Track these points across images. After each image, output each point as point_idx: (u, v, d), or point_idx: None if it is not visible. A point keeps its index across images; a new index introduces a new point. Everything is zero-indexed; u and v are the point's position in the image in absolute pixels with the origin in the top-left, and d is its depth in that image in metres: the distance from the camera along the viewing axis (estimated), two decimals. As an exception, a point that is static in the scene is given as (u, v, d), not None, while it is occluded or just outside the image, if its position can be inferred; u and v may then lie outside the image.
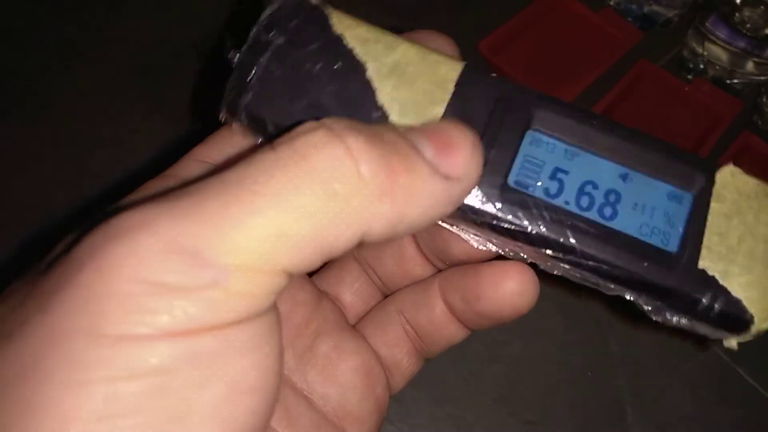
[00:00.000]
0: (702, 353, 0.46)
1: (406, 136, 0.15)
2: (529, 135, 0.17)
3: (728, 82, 0.55)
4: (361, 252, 0.23)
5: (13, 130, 0.50)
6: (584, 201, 0.17)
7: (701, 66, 0.55)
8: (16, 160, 0.49)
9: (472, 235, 0.17)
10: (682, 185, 0.17)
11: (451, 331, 0.21)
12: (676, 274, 0.16)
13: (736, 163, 0.51)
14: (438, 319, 0.21)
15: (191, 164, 0.19)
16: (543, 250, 0.17)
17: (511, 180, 0.17)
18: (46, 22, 0.54)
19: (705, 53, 0.55)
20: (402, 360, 0.22)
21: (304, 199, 0.13)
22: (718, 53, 0.55)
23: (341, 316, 0.22)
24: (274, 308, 0.14)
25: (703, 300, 0.16)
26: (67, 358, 0.12)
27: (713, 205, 0.17)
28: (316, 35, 0.16)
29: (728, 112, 0.53)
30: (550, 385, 0.44)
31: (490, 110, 0.16)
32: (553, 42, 0.56)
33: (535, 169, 0.17)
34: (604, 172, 0.17)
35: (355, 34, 0.17)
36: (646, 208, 0.17)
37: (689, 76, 0.56)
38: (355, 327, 0.22)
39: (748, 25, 0.53)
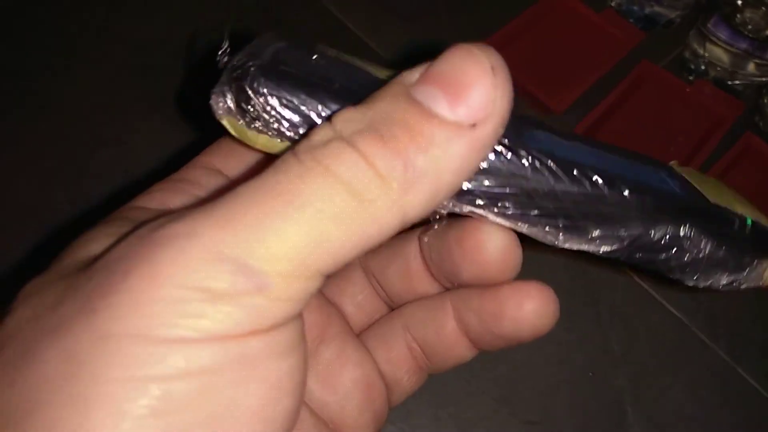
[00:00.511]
0: (703, 353, 0.46)
1: (418, 94, 0.14)
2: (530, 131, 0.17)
3: (729, 83, 0.55)
4: (368, 263, 0.23)
5: (13, 129, 0.50)
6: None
7: (702, 67, 0.55)
8: (16, 159, 0.49)
9: (499, 218, 0.17)
10: (664, 174, 0.18)
11: (460, 351, 0.21)
12: (698, 205, 0.17)
13: (737, 165, 0.51)
14: (448, 338, 0.21)
15: (197, 170, 0.19)
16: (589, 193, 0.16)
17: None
18: (47, 21, 0.54)
19: (706, 54, 0.55)
20: (402, 378, 0.22)
21: (334, 206, 0.13)
22: (720, 54, 0.55)
23: (346, 324, 0.22)
24: (302, 314, 0.14)
25: (734, 222, 0.17)
26: (120, 357, 0.12)
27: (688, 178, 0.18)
28: (309, 46, 0.17)
29: (730, 113, 0.53)
30: (550, 386, 0.44)
31: None
32: (554, 43, 0.56)
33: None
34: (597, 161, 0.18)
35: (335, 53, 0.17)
36: (642, 176, 0.18)
37: (690, 77, 0.56)
38: (360, 337, 0.22)
39: (750, 27, 0.53)
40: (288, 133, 0.17)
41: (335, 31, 0.56)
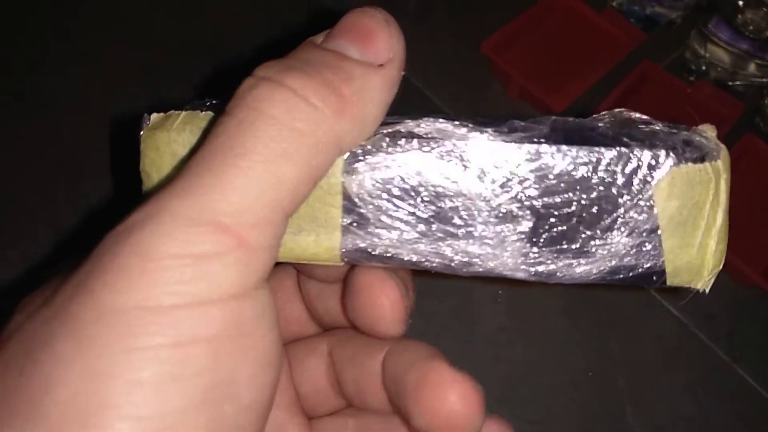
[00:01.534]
0: (702, 353, 0.46)
1: (330, 46, 0.16)
2: None
3: (730, 84, 0.55)
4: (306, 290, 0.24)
5: (12, 128, 0.50)
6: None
7: (703, 68, 0.55)
8: (14, 158, 0.49)
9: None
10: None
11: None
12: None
13: (738, 166, 0.51)
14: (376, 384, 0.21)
15: None
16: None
17: None
18: (46, 19, 0.54)
19: (707, 55, 0.55)
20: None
21: (278, 146, 0.14)
22: (721, 55, 0.55)
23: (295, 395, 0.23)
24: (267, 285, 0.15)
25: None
26: (126, 329, 0.13)
27: None
28: None
29: (730, 113, 0.53)
30: (551, 386, 0.44)
31: None
32: (555, 42, 0.56)
33: None
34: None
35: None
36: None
37: (691, 78, 0.56)
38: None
39: (751, 27, 0.53)
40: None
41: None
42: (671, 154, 0.17)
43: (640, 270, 0.17)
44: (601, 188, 0.17)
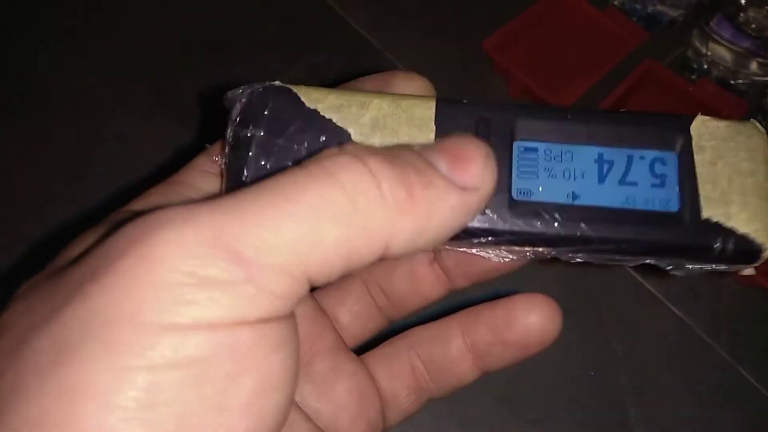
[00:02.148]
0: (704, 352, 0.46)
1: (422, 154, 0.16)
2: (516, 145, 0.18)
3: (732, 82, 0.55)
4: (371, 270, 0.23)
5: (14, 125, 0.50)
6: (585, 190, 0.18)
7: (705, 66, 0.55)
8: (17, 154, 0.49)
9: (491, 253, 0.18)
10: (664, 148, 0.18)
11: (463, 370, 0.22)
12: (685, 231, 0.18)
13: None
14: (453, 355, 0.22)
15: (193, 172, 0.19)
16: (563, 248, 0.18)
17: (514, 193, 0.18)
18: (48, 17, 0.54)
19: (709, 53, 0.55)
20: (401, 392, 0.22)
21: (331, 209, 0.14)
22: (723, 53, 0.54)
23: (339, 337, 0.22)
24: (294, 316, 0.15)
25: (716, 246, 0.17)
26: (109, 345, 0.12)
27: (697, 157, 0.18)
28: (291, 117, 0.17)
29: (732, 112, 0.53)
30: (552, 385, 0.44)
31: (474, 134, 0.17)
32: (557, 41, 0.56)
33: (531, 176, 0.18)
34: (593, 158, 0.18)
35: (327, 105, 0.17)
36: (640, 179, 0.18)
37: (693, 76, 0.56)
38: (362, 357, 0.23)
39: (753, 26, 0.52)
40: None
41: (338, 28, 0.56)
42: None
43: None
44: None
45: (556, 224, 0.17)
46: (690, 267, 0.18)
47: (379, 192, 0.14)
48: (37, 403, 0.12)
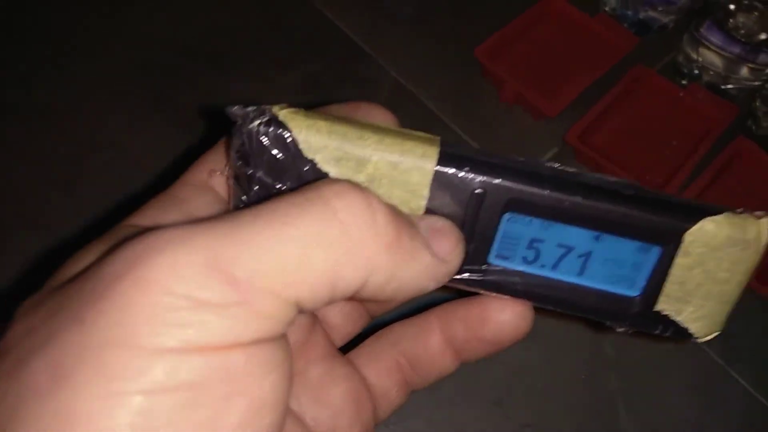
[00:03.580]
0: (696, 355, 0.46)
1: (409, 215, 0.17)
2: (506, 216, 0.18)
3: (723, 87, 0.55)
4: None
5: (12, 131, 0.50)
6: (558, 264, 0.19)
7: (696, 71, 0.56)
8: (14, 161, 0.49)
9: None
10: (653, 241, 0.18)
11: (444, 362, 0.23)
12: (635, 316, 0.19)
13: (729, 169, 0.51)
14: (434, 350, 0.22)
15: (187, 187, 0.20)
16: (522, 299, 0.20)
17: (491, 258, 0.19)
18: (47, 20, 0.55)
19: (700, 59, 0.55)
20: (391, 390, 0.23)
21: (323, 236, 0.14)
22: (713, 59, 0.55)
23: (331, 342, 0.23)
24: (286, 336, 0.15)
25: (656, 332, 0.19)
26: (104, 369, 0.12)
27: (677, 260, 0.18)
28: (290, 165, 0.17)
29: (723, 117, 0.54)
30: (544, 388, 0.44)
31: (465, 207, 0.18)
32: (548, 47, 0.57)
33: (512, 244, 0.19)
34: (578, 237, 0.18)
35: (326, 156, 0.17)
36: (615, 261, 0.19)
37: (684, 82, 0.56)
38: (348, 355, 0.23)
39: (743, 31, 0.53)
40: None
41: (332, 36, 0.57)
42: None
43: None
44: None
45: (520, 288, 0.19)
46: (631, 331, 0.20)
47: (374, 224, 0.15)
48: (35, 428, 0.12)
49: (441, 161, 0.17)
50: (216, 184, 0.19)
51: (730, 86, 0.55)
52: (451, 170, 0.17)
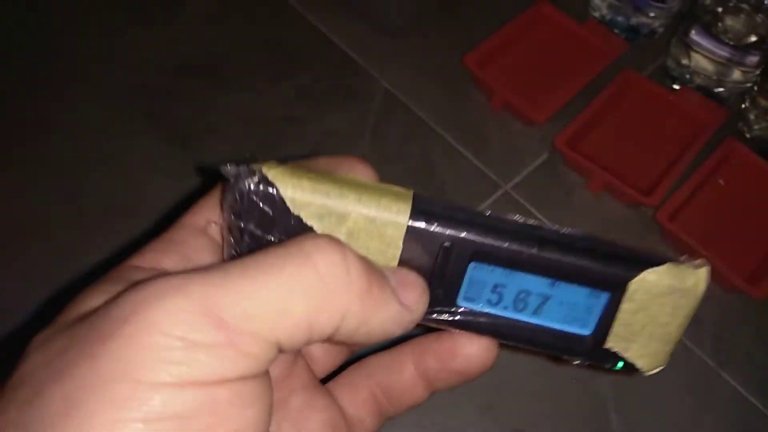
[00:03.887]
0: (687, 357, 0.46)
1: (380, 268, 0.19)
2: (472, 265, 0.21)
3: (715, 90, 0.55)
4: None
5: (10, 150, 0.51)
6: (519, 305, 0.21)
7: (687, 75, 0.56)
8: (13, 179, 0.50)
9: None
10: (602, 289, 0.21)
11: (417, 392, 0.25)
12: (587, 351, 0.22)
13: (719, 169, 0.51)
14: (407, 382, 0.24)
15: (184, 231, 0.22)
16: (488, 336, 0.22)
17: (460, 300, 0.21)
18: (44, 40, 0.56)
19: (691, 64, 0.55)
20: (366, 419, 0.25)
21: (303, 287, 0.17)
22: (703, 63, 0.55)
23: (312, 374, 0.25)
24: (268, 373, 0.17)
25: (607, 366, 0.22)
26: (109, 400, 0.15)
27: (623, 305, 0.21)
28: (279, 220, 0.19)
29: (714, 120, 0.54)
30: (534, 393, 0.45)
31: (434, 257, 0.20)
32: (537, 54, 0.57)
33: (478, 289, 0.21)
34: (535, 283, 0.21)
35: (310, 213, 0.19)
36: (569, 304, 0.21)
37: (675, 86, 0.56)
38: (327, 385, 0.25)
39: (730, 35, 0.53)
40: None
41: (322, 48, 0.58)
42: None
43: None
44: None
45: (484, 327, 0.21)
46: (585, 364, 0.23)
47: (347, 276, 0.17)
48: None
49: (413, 216, 0.20)
50: (210, 230, 0.22)
51: (722, 89, 0.55)
52: (422, 225, 0.20)
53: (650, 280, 0.20)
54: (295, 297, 0.16)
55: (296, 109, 0.55)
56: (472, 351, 0.23)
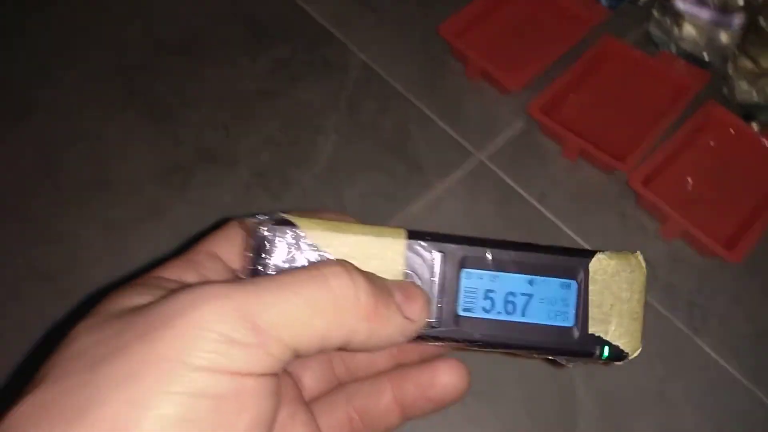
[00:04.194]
0: (659, 323, 0.45)
1: (387, 284, 0.22)
2: (463, 273, 0.24)
3: (698, 55, 0.54)
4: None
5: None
6: (509, 308, 0.25)
7: (670, 41, 0.55)
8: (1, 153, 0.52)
9: (437, 344, 0.25)
10: (569, 277, 0.25)
11: (391, 419, 0.27)
12: (576, 341, 0.25)
13: (699, 133, 0.50)
14: (384, 408, 0.27)
15: (201, 255, 0.25)
16: (491, 349, 0.25)
17: (460, 310, 0.24)
18: (21, 19, 0.58)
19: (675, 28, 0.54)
20: None
21: (320, 304, 0.20)
22: (688, 28, 0.54)
23: (299, 392, 0.27)
24: (281, 373, 0.20)
25: (596, 352, 0.24)
26: (162, 375, 0.18)
27: (591, 287, 0.25)
28: (297, 252, 0.23)
29: (695, 83, 0.52)
30: (498, 357, 0.44)
31: (431, 267, 0.24)
32: (516, 23, 0.57)
33: (473, 297, 0.24)
34: (517, 283, 0.24)
35: (325, 243, 0.23)
36: (549, 299, 0.25)
37: (657, 50, 0.55)
38: (308, 404, 0.28)
39: (713, -2, 0.52)
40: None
41: (301, 21, 0.58)
42: None
43: None
44: None
45: (486, 334, 0.24)
46: (578, 361, 0.25)
47: (356, 299, 0.20)
48: (111, 410, 0.18)
49: (410, 237, 0.24)
50: (223, 253, 0.25)
51: (706, 54, 0.54)
52: (418, 242, 0.24)
53: (603, 261, 0.25)
54: (314, 313, 0.20)
55: (272, 82, 0.55)
56: (450, 380, 0.25)
